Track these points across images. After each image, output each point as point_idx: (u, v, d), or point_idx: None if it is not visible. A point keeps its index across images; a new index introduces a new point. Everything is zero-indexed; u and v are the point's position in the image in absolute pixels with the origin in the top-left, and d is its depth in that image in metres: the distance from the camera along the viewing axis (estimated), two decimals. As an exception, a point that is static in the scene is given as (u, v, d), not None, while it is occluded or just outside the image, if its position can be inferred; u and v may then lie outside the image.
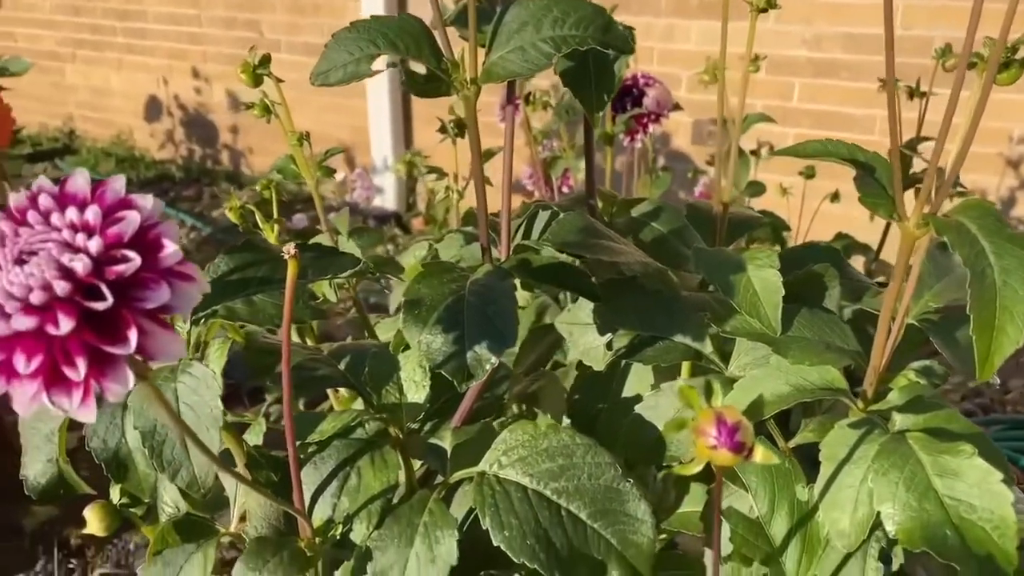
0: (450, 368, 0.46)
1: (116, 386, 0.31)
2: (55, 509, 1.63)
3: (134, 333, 0.31)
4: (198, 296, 0.33)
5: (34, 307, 0.31)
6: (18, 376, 0.31)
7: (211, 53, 2.68)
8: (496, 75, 0.47)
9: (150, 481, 0.49)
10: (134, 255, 0.31)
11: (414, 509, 0.51)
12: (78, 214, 0.32)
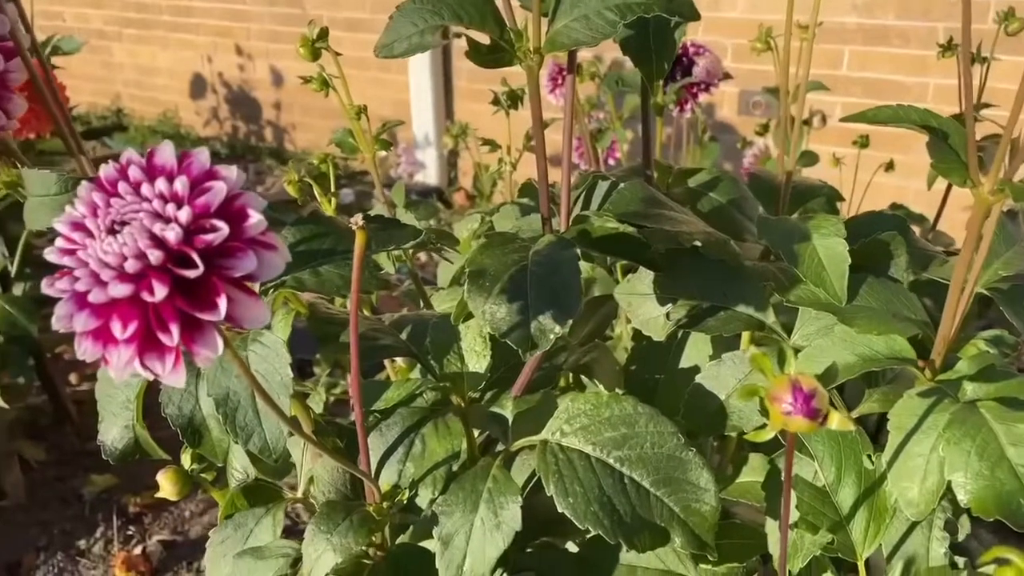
0: (515, 338, 0.47)
1: (206, 351, 0.33)
2: (113, 477, 1.68)
3: (223, 300, 0.32)
4: (281, 264, 0.34)
5: (129, 275, 0.32)
6: (115, 342, 0.32)
7: (254, 30, 2.70)
8: (560, 44, 0.47)
9: (223, 447, 0.51)
10: (222, 224, 0.32)
11: (478, 476, 0.52)
12: (167, 185, 0.33)
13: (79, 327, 0.32)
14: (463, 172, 2.62)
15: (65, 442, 1.75)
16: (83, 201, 0.33)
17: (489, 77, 2.52)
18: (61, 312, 0.32)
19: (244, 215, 0.33)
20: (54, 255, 0.33)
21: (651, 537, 0.48)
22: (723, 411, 0.53)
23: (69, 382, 1.90)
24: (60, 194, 0.44)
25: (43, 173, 0.44)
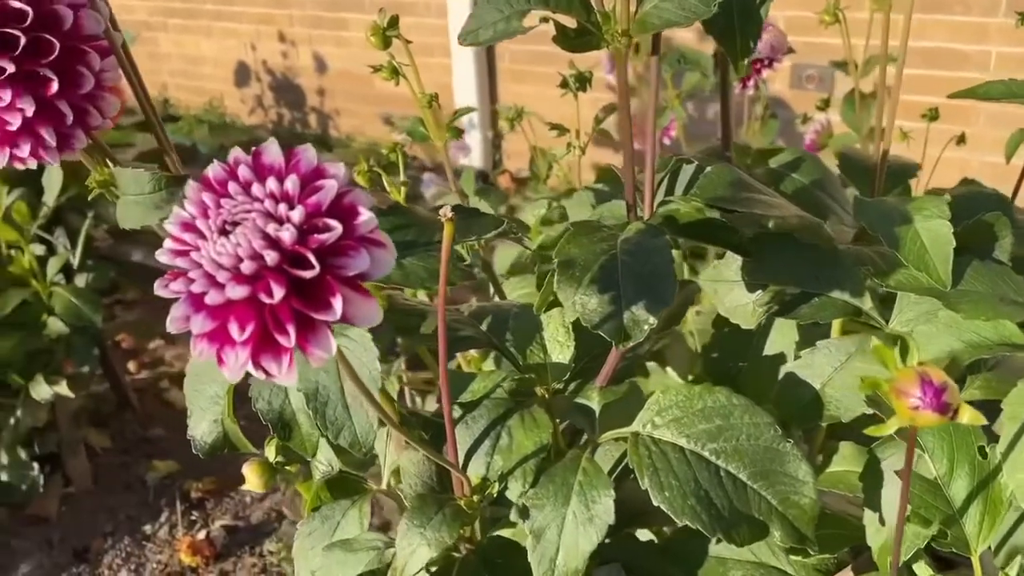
0: (607, 329, 0.46)
1: (320, 352, 0.32)
2: (175, 463, 1.72)
3: (339, 300, 0.31)
4: (391, 262, 0.33)
5: (245, 276, 0.31)
6: (231, 343, 0.31)
7: (297, 17, 2.71)
8: (650, 25, 0.46)
9: (313, 441, 0.51)
10: (335, 223, 0.31)
11: (568, 468, 0.51)
12: (277, 184, 0.32)
13: (196, 329, 0.31)
14: (507, 155, 2.60)
15: (127, 429, 1.79)
16: (193, 201, 0.33)
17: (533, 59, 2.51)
18: (177, 314, 0.32)
19: (354, 212, 0.33)
20: (166, 256, 0.33)
21: (749, 531, 0.47)
22: (818, 401, 0.52)
23: (128, 370, 1.94)
24: (153, 192, 0.43)
25: (137, 171, 0.44)
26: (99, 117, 0.41)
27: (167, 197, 0.43)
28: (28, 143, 0.39)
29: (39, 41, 0.37)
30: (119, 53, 0.42)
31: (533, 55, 2.35)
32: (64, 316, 1.34)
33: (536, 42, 2.38)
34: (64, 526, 1.56)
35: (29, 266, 1.34)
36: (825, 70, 1.94)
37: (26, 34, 0.36)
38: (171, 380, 1.96)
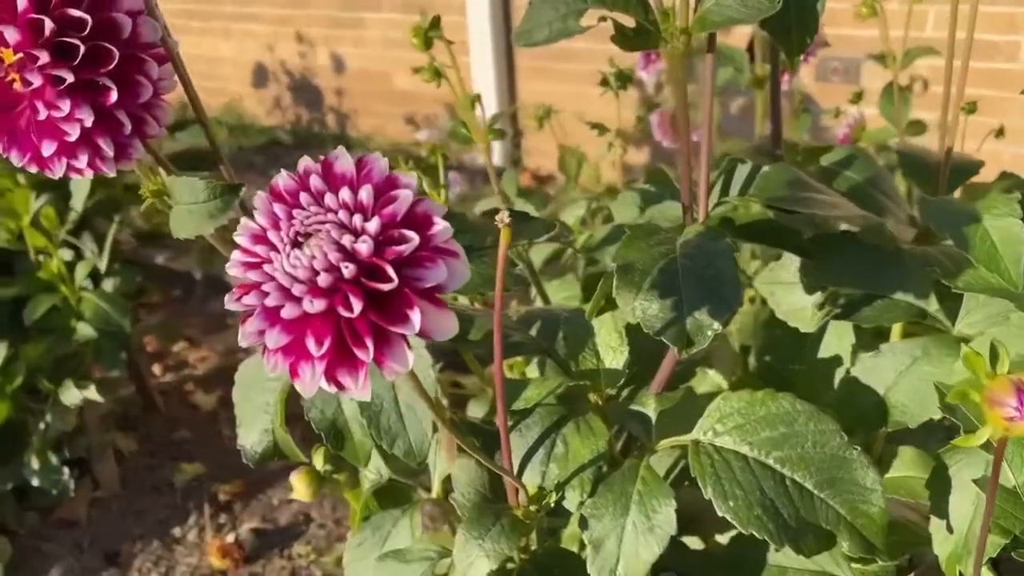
0: (670, 335, 0.45)
1: (396, 365, 0.31)
2: (201, 466, 1.72)
3: (417, 313, 0.30)
4: (467, 273, 0.32)
5: (322, 289, 0.30)
6: (307, 357, 0.31)
7: (315, 17, 2.70)
8: (711, 22, 0.44)
9: (366, 449, 0.50)
10: (413, 234, 0.30)
11: (626, 477, 0.50)
12: (351, 195, 0.31)
13: (272, 343, 0.31)
14: (526, 152, 2.59)
15: (154, 432, 1.79)
16: (264, 213, 0.32)
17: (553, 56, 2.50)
18: (251, 328, 0.31)
19: (429, 222, 0.32)
20: (236, 269, 0.32)
21: (816, 541, 0.46)
22: (883, 406, 0.50)
23: (153, 373, 1.95)
24: (208, 201, 0.43)
25: (191, 180, 0.43)
26: (156, 126, 0.40)
27: (222, 206, 0.43)
28: (86, 153, 0.38)
29: (98, 50, 0.36)
30: (176, 61, 0.41)
31: (552, 52, 2.34)
32: (93, 321, 1.34)
33: (555, 39, 2.37)
34: (94, 530, 1.57)
35: (58, 271, 1.35)
36: (850, 62, 1.92)
37: (85, 43, 0.36)
38: (196, 383, 1.97)
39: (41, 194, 1.38)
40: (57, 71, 0.36)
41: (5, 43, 0.36)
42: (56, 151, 0.38)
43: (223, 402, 1.90)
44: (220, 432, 1.81)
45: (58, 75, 0.36)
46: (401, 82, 2.65)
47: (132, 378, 1.74)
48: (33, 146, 0.38)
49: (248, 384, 0.53)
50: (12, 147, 0.39)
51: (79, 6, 0.36)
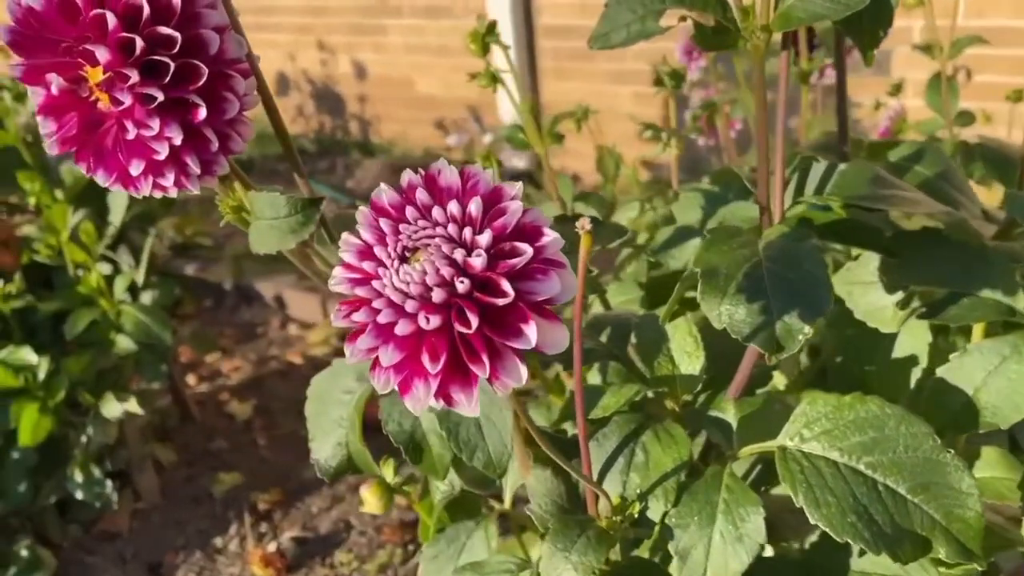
0: (759, 340, 0.44)
1: (510, 381, 0.31)
2: (240, 475, 1.72)
3: (532, 327, 0.30)
4: (575, 284, 0.32)
5: (436, 305, 0.30)
6: (421, 374, 0.30)
7: (335, 25, 2.71)
8: (795, 19, 0.43)
9: (444, 462, 0.50)
10: (526, 247, 0.30)
11: (710, 486, 0.49)
12: (459, 208, 0.31)
13: (386, 361, 0.30)
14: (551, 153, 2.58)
15: (191, 442, 1.80)
16: (369, 228, 0.32)
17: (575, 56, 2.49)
18: (364, 345, 0.31)
19: (538, 233, 0.31)
20: (343, 286, 0.32)
21: (912, 547, 0.45)
22: (972, 407, 0.49)
23: (188, 384, 1.95)
24: (289, 216, 0.42)
25: (272, 195, 0.43)
26: (240, 142, 0.39)
27: (303, 220, 0.42)
28: (173, 171, 0.38)
29: (186, 67, 0.36)
30: (259, 75, 0.41)
31: (574, 52, 2.33)
32: (133, 334, 1.35)
33: (578, 38, 2.36)
34: (136, 541, 1.57)
35: (97, 285, 1.35)
36: (882, 53, 1.90)
37: (175, 60, 0.35)
38: (230, 392, 1.98)
39: (79, 209, 1.39)
40: (147, 90, 0.35)
41: (94, 62, 0.36)
42: (144, 170, 0.37)
43: (258, 411, 1.91)
44: (255, 441, 1.82)
45: (149, 94, 0.36)
46: (423, 87, 2.65)
47: (169, 388, 1.75)
48: (120, 165, 0.38)
49: (321, 398, 0.53)
50: (98, 167, 0.38)
51: (168, 24, 0.35)
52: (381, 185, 0.33)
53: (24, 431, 1.32)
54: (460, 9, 2.50)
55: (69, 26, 0.36)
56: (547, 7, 2.34)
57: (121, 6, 0.35)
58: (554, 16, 2.32)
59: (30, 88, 0.39)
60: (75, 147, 0.39)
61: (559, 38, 2.38)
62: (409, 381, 0.31)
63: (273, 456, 1.75)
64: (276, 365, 2.06)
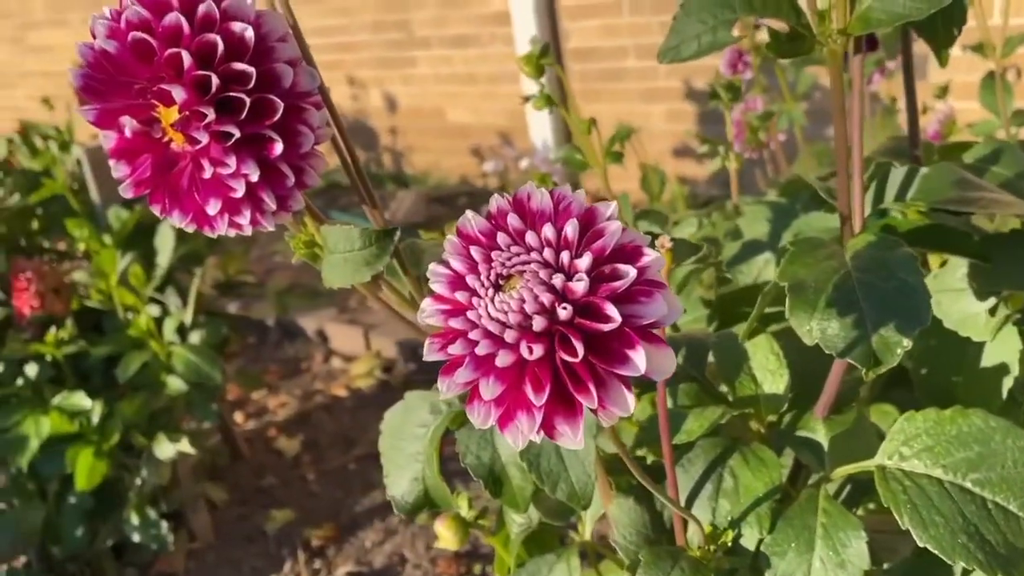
0: (855, 355, 0.42)
1: (617, 410, 0.29)
2: (291, 512, 1.72)
3: (640, 353, 0.28)
4: (680, 305, 0.30)
5: (536, 334, 0.28)
6: (524, 406, 0.29)
7: (364, 59, 2.74)
8: (875, 21, 0.42)
9: (526, 494, 0.48)
10: (629, 268, 0.28)
11: (805, 509, 0.47)
12: (553, 231, 0.29)
13: (487, 394, 0.29)
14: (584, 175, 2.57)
15: (242, 480, 1.80)
16: (459, 256, 0.31)
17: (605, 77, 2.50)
18: (462, 378, 0.29)
19: (638, 253, 0.30)
20: (435, 319, 0.31)
21: (1031, 568, 0.42)
22: (1078, 416, 0.47)
23: (235, 421, 1.96)
24: (364, 248, 0.41)
25: (346, 228, 0.42)
26: (315, 176, 0.39)
27: (377, 252, 0.41)
28: (249, 208, 0.37)
29: (261, 102, 0.35)
30: (331, 107, 0.40)
31: (602, 73, 2.33)
32: (184, 374, 1.35)
33: (605, 59, 2.36)
34: (192, 582, 1.57)
35: (147, 327, 1.36)
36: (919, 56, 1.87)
37: (250, 96, 0.35)
38: (278, 428, 1.98)
39: (126, 253, 1.40)
40: (224, 127, 0.35)
41: (169, 102, 0.35)
42: (220, 208, 0.37)
43: (306, 446, 1.91)
44: (305, 476, 1.81)
45: (225, 131, 0.35)
46: (454, 116, 2.67)
47: (218, 428, 1.75)
48: (195, 205, 0.38)
49: (396, 433, 0.51)
50: (174, 207, 0.38)
51: (242, 59, 0.35)
52: (467, 213, 0.32)
53: (80, 476, 1.32)
54: (487, 38, 2.51)
55: (143, 67, 0.35)
56: (574, 31, 2.35)
57: (196, 44, 0.34)
58: (581, 39, 2.33)
59: (101, 132, 0.39)
60: (149, 189, 0.39)
61: (587, 60, 2.38)
62: (510, 414, 0.29)
63: (323, 491, 1.75)
64: (321, 399, 2.06)
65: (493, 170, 2.14)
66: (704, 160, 2.32)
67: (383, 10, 2.62)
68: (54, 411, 1.34)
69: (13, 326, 1.46)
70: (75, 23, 3.63)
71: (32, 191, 1.52)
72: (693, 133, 2.29)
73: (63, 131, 1.56)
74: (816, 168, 1.16)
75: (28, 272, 1.36)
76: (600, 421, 0.30)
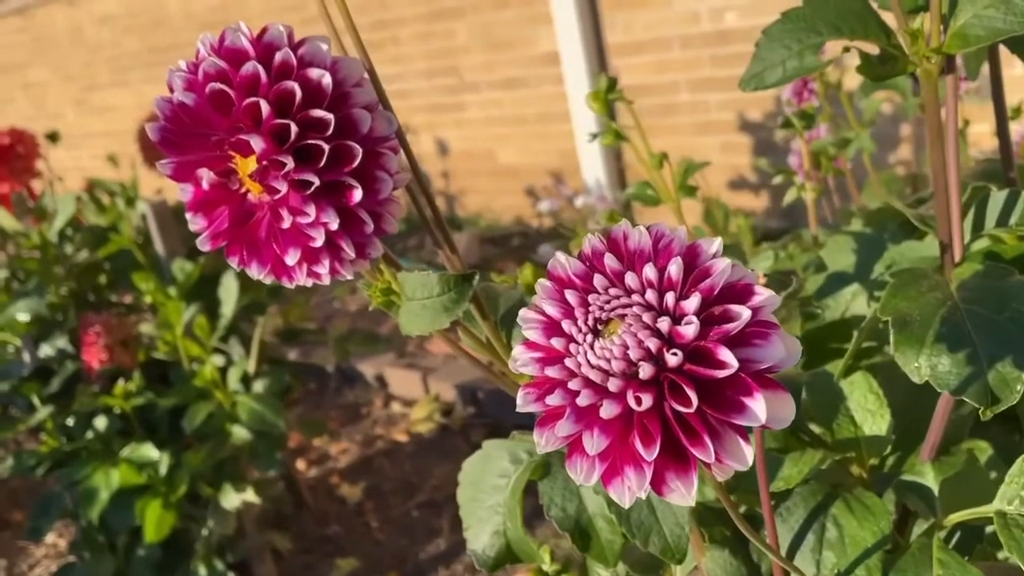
0: (971, 393, 0.39)
1: (736, 464, 0.27)
2: (356, 561, 1.70)
3: (759, 401, 0.26)
4: (799, 348, 0.28)
5: (643, 383, 0.26)
6: (634, 461, 0.27)
7: (417, 106, 2.78)
8: (973, 38, 0.40)
9: (615, 548, 0.45)
10: (742, 309, 0.26)
11: (919, 561, 0.43)
12: (655, 271, 0.28)
13: (592, 448, 0.27)
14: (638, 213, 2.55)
15: (307, 529, 1.79)
16: (553, 301, 0.29)
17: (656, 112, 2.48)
18: (563, 432, 0.27)
19: (748, 292, 0.27)
20: (530, 367, 0.29)
21: None
22: None
23: (297, 469, 1.96)
24: (442, 294, 0.40)
25: (423, 275, 0.41)
26: (393, 222, 0.38)
27: (456, 298, 0.40)
28: (327, 257, 0.36)
29: (339, 148, 0.35)
30: (408, 151, 0.40)
31: (653, 108, 2.32)
32: (249, 423, 1.36)
33: (656, 95, 2.35)
34: (259, 634, 1.56)
35: (212, 378, 1.37)
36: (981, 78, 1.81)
37: (328, 143, 0.34)
38: (340, 475, 1.97)
39: (190, 304, 1.42)
40: (303, 175, 0.34)
41: (247, 152, 0.35)
42: (300, 258, 0.36)
43: (368, 493, 1.90)
44: (368, 524, 1.80)
45: (304, 179, 0.34)
46: (504, 157, 2.68)
47: (282, 476, 1.75)
48: (273, 256, 0.37)
49: (475, 484, 0.49)
50: (252, 259, 0.37)
51: (320, 106, 0.34)
52: (557, 255, 0.30)
53: (149, 528, 1.33)
54: (536, 79, 2.53)
55: (220, 118, 0.35)
56: (624, 68, 2.35)
57: (273, 92, 0.34)
58: (632, 76, 2.33)
59: (179, 185, 0.39)
60: (226, 241, 0.38)
61: (639, 96, 2.37)
62: (616, 469, 0.27)
63: (387, 538, 1.73)
64: (382, 445, 2.05)
65: (548, 209, 2.14)
66: (760, 192, 2.28)
67: (433, 57, 2.67)
68: (123, 463, 1.36)
69: (83, 380, 1.49)
70: (136, 82, 3.78)
71: (99, 246, 1.56)
72: (752, 165, 2.26)
73: (128, 187, 1.60)
74: (885, 196, 1.12)
75: (97, 326, 1.39)
76: (716, 475, 0.27)
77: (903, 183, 1.15)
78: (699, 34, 2.18)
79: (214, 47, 0.35)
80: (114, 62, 3.83)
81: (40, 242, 1.48)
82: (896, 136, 2.01)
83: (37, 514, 1.42)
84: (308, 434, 1.81)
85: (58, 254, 1.52)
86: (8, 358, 1.51)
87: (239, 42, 0.35)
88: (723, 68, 2.17)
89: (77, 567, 1.46)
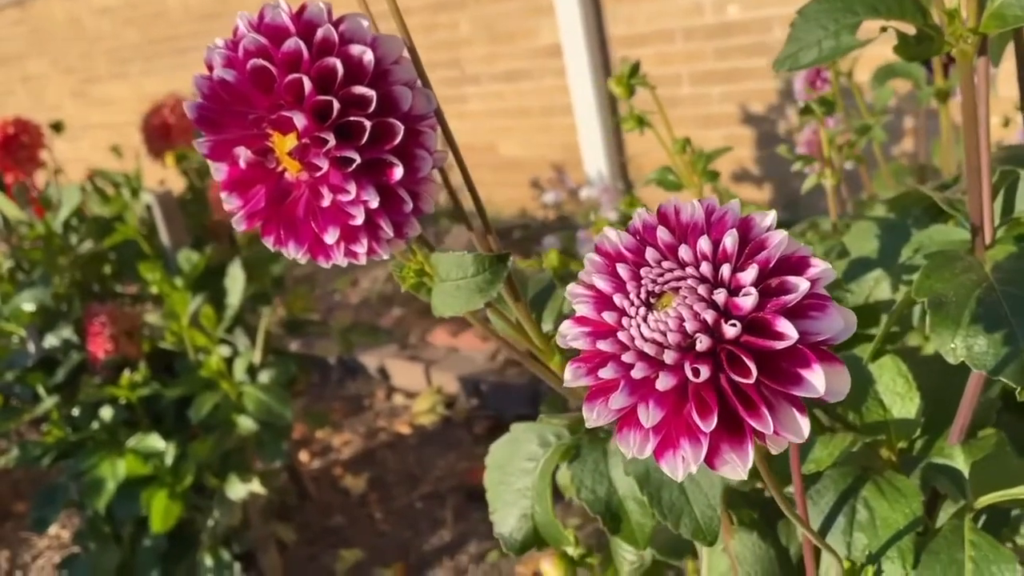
0: (1008, 373, 0.39)
1: (791, 435, 0.27)
2: (360, 552, 1.70)
3: (817, 372, 0.26)
4: (855, 320, 0.28)
5: (700, 354, 0.26)
6: (690, 433, 0.26)
7: (417, 98, 2.77)
8: (1012, 18, 0.39)
9: (645, 531, 0.45)
10: (800, 280, 0.26)
11: (951, 543, 0.43)
12: (710, 244, 0.27)
13: (647, 420, 0.27)
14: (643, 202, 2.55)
15: (310, 520, 1.79)
16: (604, 275, 0.29)
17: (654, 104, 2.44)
18: (617, 404, 0.27)
19: (804, 264, 0.27)
20: (581, 341, 0.29)
21: None
22: None
23: (300, 460, 1.96)
24: (477, 275, 0.40)
25: (458, 255, 0.41)
26: (429, 202, 0.38)
27: (491, 278, 0.40)
28: (366, 236, 0.36)
29: (381, 126, 0.34)
30: (447, 130, 0.39)
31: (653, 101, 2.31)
32: (255, 414, 1.35)
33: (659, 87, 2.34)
34: (264, 625, 1.56)
35: (218, 368, 1.37)
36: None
37: (370, 119, 0.34)
38: (343, 467, 1.97)
39: (196, 295, 1.42)
40: (344, 152, 0.34)
41: (288, 129, 0.34)
42: (338, 237, 0.36)
43: (371, 484, 1.90)
44: (372, 515, 1.80)
45: (346, 156, 0.34)
46: (506, 150, 2.67)
47: (286, 467, 1.75)
48: (311, 234, 0.37)
49: (502, 468, 0.49)
50: (289, 238, 0.37)
51: (362, 82, 0.34)
52: (606, 230, 0.30)
53: (155, 518, 1.33)
54: (538, 71, 2.52)
55: (261, 95, 0.35)
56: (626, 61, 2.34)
57: (315, 69, 0.34)
58: (634, 68, 2.32)
59: (213, 165, 0.38)
60: (262, 220, 0.38)
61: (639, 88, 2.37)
62: (670, 442, 0.27)
63: (391, 529, 1.73)
64: (385, 436, 2.05)
65: (553, 201, 2.13)
66: (763, 184, 2.28)
67: (436, 49, 2.66)
68: (129, 453, 1.35)
69: (88, 370, 1.48)
70: (135, 75, 3.76)
71: (104, 237, 1.55)
72: (753, 158, 2.26)
73: (132, 178, 1.60)
74: (894, 186, 1.12)
75: (102, 316, 1.39)
76: (771, 448, 0.27)
77: (908, 174, 1.15)
78: (702, 26, 2.18)
79: (253, 24, 0.35)
80: (113, 54, 3.81)
81: (45, 232, 1.48)
82: (900, 128, 2.01)
83: (42, 504, 1.42)
84: (311, 425, 1.81)
85: (63, 244, 1.51)
86: (13, 348, 1.50)
87: (280, 19, 0.34)
88: (726, 61, 2.17)
89: (82, 557, 1.46)
